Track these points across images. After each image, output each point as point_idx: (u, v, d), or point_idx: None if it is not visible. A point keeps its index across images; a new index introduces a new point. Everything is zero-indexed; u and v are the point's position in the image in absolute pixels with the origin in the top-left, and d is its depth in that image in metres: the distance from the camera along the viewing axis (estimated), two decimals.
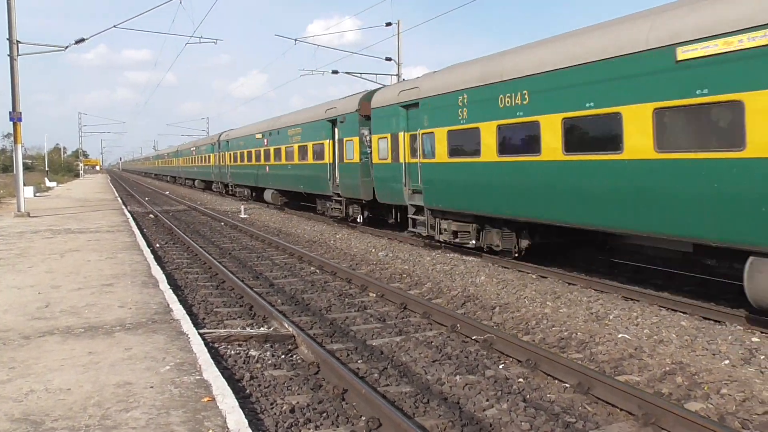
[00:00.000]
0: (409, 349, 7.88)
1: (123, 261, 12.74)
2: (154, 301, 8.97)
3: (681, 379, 6.57)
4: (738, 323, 8.36)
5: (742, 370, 6.76)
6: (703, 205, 8.07)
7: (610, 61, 9.29)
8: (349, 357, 7.64)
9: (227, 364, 7.20)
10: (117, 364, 6.15)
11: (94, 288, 9.95)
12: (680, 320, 8.56)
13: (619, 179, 9.27)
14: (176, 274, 13.22)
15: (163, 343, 6.88)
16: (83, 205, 31.62)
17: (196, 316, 9.45)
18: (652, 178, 8.74)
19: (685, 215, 8.32)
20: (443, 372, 6.99)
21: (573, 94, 9.97)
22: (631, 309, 9.19)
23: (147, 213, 29.24)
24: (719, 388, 6.27)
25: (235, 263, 14.83)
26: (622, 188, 9.26)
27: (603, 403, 6.05)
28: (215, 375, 5.79)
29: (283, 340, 8.07)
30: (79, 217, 23.60)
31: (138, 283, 10.32)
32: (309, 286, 11.88)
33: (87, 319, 7.99)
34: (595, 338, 8.00)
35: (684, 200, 8.32)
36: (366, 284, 11.57)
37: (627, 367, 7.01)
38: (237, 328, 8.71)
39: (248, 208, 29.85)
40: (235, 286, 11.60)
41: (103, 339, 7.06)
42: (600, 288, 10.67)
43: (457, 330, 8.51)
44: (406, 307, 9.94)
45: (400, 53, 30.43)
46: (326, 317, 9.58)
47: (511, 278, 11.71)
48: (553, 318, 9.00)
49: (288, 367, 7.18)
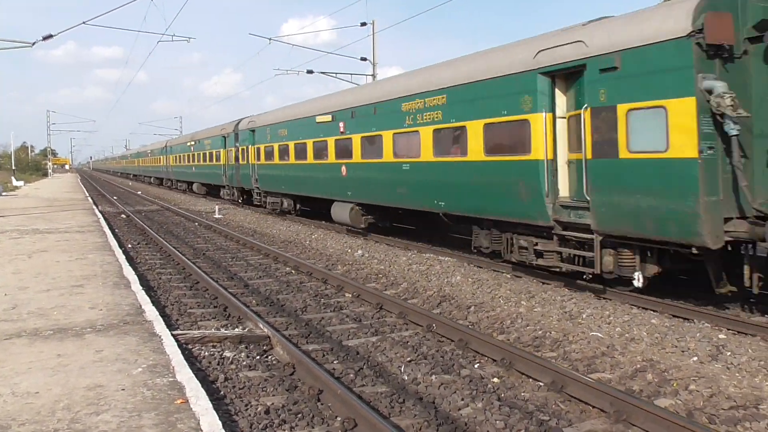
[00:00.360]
0: (385, 349, 7.88)
1: (94, 262, 12.53)
2: (126, 303, 8.84)
3: (651, 376, 6.68)
4: (706, 321, 8.52)
5: (709, 366, 6.90)
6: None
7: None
8: (324, 357, 7.62)
9: (201, 365, 7.13)
10: (87, 367, 6.04)
11: (64, 289, 9.76)
12: (651, 318, 8.71)
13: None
14: (149, 274, 13.04)
15: (135, 344, 6.78)
16: (52, 204, 31.03)
17: (169, 317, 9.34)
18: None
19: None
20: (419, 372, 7.01)
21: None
22: (604, 308, 9.32)
23: (119, 213, 28.81)
24: (688, 385, 6.40)
25: (209, 264, 14.68)
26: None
27: (576, 401, 6.13)
28: (189, 376, 5.72)
29: (258, 341, 8.02)
30: (47, 217, 23.15)
31: (109, 284, 10.16)
32: (284, 287, 11.82)
33: (56, 320, 7.84)
34: (568, 337, 8.10)
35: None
36: (342, 284, 11.55)
37: (599, 365, 7.11)
38: (211, 329, 8.63)
39: (223, 208, 29.57)
40: (209, 287, 11.49)
41: (73, 341, 6.93)
42: (573, 287, 10.80)
43: (433, 330, 8.54)
44: (382, 307, 9.94)
45: (375, 53, 30.43)
46: (302, 318, 9.54)
47: (486, 278, 11.78)
48: (527, 317, 9.09)
49: (263, 368, 7.13)
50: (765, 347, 7.39)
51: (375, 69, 30.37)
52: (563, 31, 10.45)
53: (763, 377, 6.51)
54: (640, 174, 8.68)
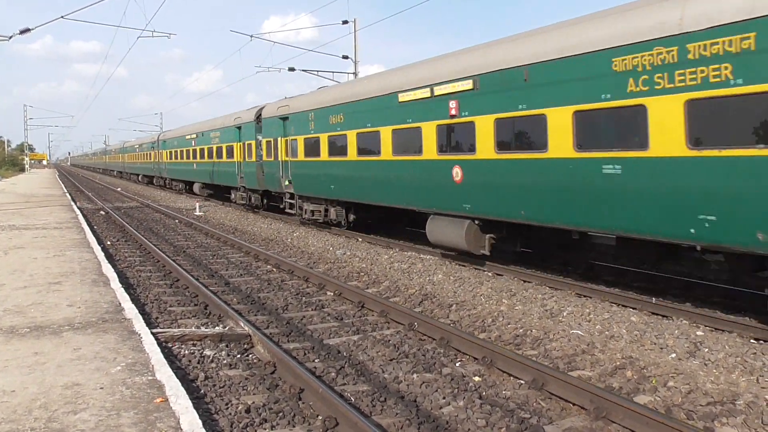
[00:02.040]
0: (367, 348, 7.87)
1: (72, 258, 12.36)
2: (105, 300, 8.72)
3: (631, 373, 6.75)
4: (684, 318, 8.63)
5: (687, 363, 6.99)
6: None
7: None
8: (306, 356, 7.59)
9: (181, 364, 7.06)
10: (65, 365, 5.96)
11: (41, 286, 9.62)
12: (630, 316, 8.80)
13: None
14: (128, 272, 12.90)
15: (114, 342, 6.70)
16: (29, 200, 30.55)
17: (148, 315, 9.25)
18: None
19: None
20: (400, 370, 7.01)
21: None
22: (584, 305, 9.39)
23: (97, 209, 28.45)
24: (666, 381, 6.47)
25: (189, 261, 14.55)
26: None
27: (557, 398, 6.17)
28: (168, 375, 5.66)
29: (239, 340, 7.96)
30: (24, 213, 22.79)
31: (88, 282, 10.02)
32: (265, 285, 11.76)
33: (33, 318, 7.71)
34: (549, 335, 8.15)
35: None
36: (323, 283, 11.51)
37: (580, 363, 7.17)
38: (191, 327, 8.56)
39: (203, 205, 29.34)
40: (189, 285, 11.39)
41: (50, 339, 6.83)
42: (554, 285, 10.87)
43: (415, 328, 8.54)
44: (363, 305, 9.93)
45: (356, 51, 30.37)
46: (283, 316, 9.49)
47: (467, 276, 11.82)
48: (508, 315, 9.13)
49: (243, 367, 7.09)
50: (741, 343, 7.50)
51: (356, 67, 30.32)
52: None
53: (739, 373, 6.60)
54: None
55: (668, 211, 8.00)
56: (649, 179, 8.15)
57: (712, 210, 7.49)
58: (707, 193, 7.52)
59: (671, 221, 7.99)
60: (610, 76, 8.52)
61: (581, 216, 9.35)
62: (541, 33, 10.15)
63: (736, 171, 7.21)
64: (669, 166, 7.89)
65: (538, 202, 10.06)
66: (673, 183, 7.87)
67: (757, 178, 7.02)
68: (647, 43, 8.00)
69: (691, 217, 7.72)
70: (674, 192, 7.88)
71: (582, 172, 9.13)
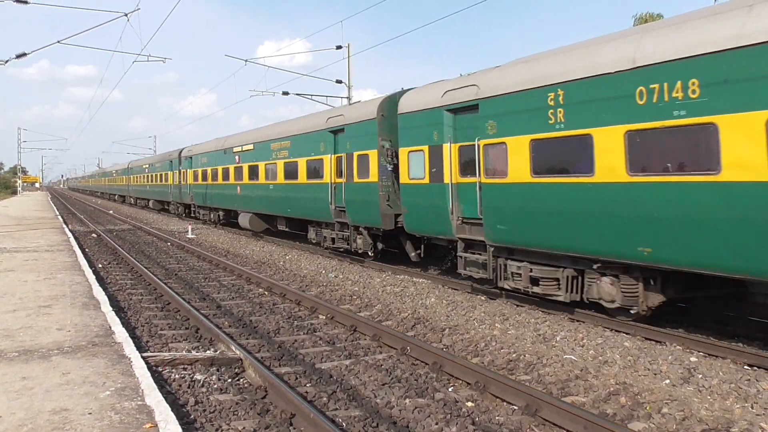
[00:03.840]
0: (359, 372, 7.81)
1: (62, 282, 12.25)
2: (95, 324, 8.64)
3: (624, 399, 6.71)
4: (677, 343, 8.62)
5: (681, 389, 6.96)
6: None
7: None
8: (297, 381, 7.52)
9: (171, 388, 6.98)
10: (53, 390, 5.87)
11: (31, 310, 9.52)
12: (623, 341, 8.77)
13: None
14: (119, 295, 12.80)
15: (104, 367, 6.62)
16: (20, 223, 30.37)
17: (139, 338, 9.16)
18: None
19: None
20: (393, 395, 6.95)
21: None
22: (577, 330, 9.37)
23: (89, 232, 28.31)
24: (660, 408, 6.44)
25: (181, 284, 14.46)
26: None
27: (550, 424, 6.12)
28: (158, 400, 5.59)
29: (230, 364, 7.89)
30: (16, 236, 22.63)
31: (78, 305, 9.93)
32: (257, 308, 11.68)
33: (22, 342, 7.62)
34: (542, 360, 8.12)
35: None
36: (316, 306, 11.45)
37: (573, 388, 7.12)
38: (182, 351, 8.47)
39: (195, 228, 29.24)
40: (180, 308, 11.30)
41: (39, 363, 6.74)
42: (547, 309, 10.85)
43: (407, 353, 8.49)
44: (356, 329, 9.87)
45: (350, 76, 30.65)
46: (275, 340, 9.42)
47: (460, 300, 11.79)
48: (501, 340, 9.09)
49: (234, 392, 7.01)
50: (735, 369, 7.48)
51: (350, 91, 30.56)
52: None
53: (733, 400, 6.58)
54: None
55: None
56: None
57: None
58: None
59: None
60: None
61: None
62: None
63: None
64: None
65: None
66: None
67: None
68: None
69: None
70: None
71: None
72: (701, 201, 7.56)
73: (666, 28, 8.36)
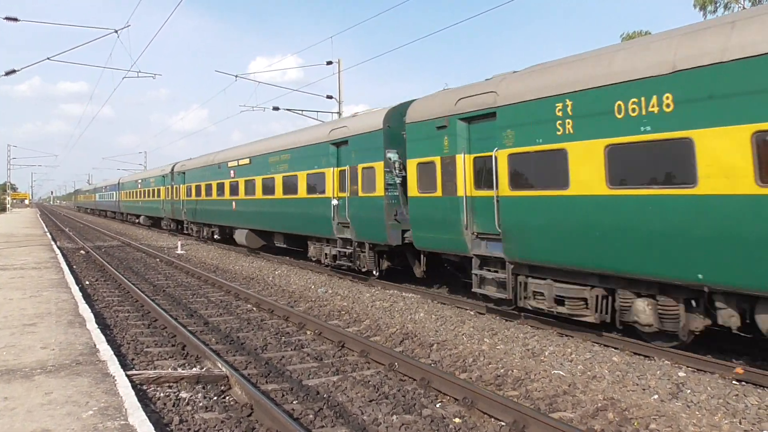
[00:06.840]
0: (346, 389, 7.75)
1: (48, 299, 12.13)
2: (80, 342, 8.54)
3: (612, 415, 6.69)
4: (666, 358, 8.61)
5: (669, 404, 6.95)
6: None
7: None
8: (284, 398, 7.45)
9: (156, 407, 6.89)
10: (35, 410, 5.78)
11: (15, 328, 9.40)
12: (612, 356, 8.76)
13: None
14: (106, 312, 12.67)
15: (87, 386, 6.53)
16: (8, 240, 30.10)
17: (124, 356, 9.06)
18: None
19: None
20: (380, 412, 6.89)
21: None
22: (566, 345, 9.35)
23: (78, 249, 28.09)
24: (648, 424, 6.42)
25: (168, 301, 14.35)
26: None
27: None
28: (141, 419, 5.52)
29: (216, 381, 7.81)
30: (2, 253, 22.42)
31: (63, 323, 9.82)
32: (245, 324, 11.60)
33: (4, 361, 7.51)
34: (530, 375, 8.09)
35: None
36: (304, 322, 11.38)
37: (561, 404, 7.10)
38: (168, 368, 8.38)
39: (185, 244, 29.07)
40: (167, 325, 11.20)
41: (21, 383, 6.65)
42: (535, 324, 10.83)
43: (395, 368, 8.44)
44: (344, 345, 9.81)
45: (341, 91, 30.73)
46: (262, 356, 9.34)
47: (449, 315, 11.75)
48: (490, 355, 9.06)
49: (220, 410, 6.93)
50: (723, 385, 7.48)
51: (341, 107, 30.63)
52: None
53: (722, 415, 6.57)
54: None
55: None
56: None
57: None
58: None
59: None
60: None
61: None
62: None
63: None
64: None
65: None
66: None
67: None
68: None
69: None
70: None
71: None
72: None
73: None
